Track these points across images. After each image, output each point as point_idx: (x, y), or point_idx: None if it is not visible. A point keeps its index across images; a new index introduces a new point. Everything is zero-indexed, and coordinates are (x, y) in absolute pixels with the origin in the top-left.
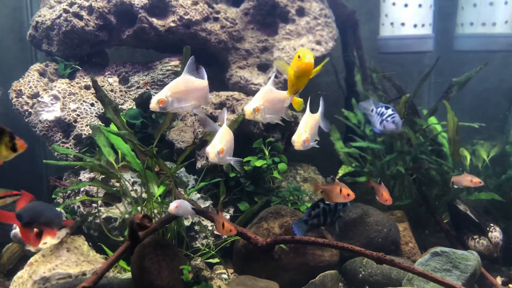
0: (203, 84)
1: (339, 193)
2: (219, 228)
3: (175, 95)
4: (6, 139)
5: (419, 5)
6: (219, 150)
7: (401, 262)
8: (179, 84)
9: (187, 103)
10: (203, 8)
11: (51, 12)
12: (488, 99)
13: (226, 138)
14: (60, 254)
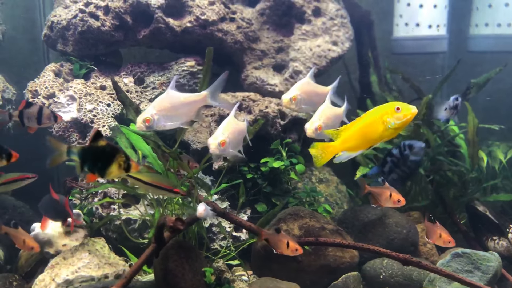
0: (190, 99)
1: (389, 198)
2: (283, 247)
3: (161, 113)
4: (121, 159)
5: (434, 6)
6: (220, 142)
7: (428, 264)
8: (164, 101)
9: (175, 120)
10: (220, 9)
11: (67, 12)
12: (501, 100)
13: (229, 129)
14: (82, 257)
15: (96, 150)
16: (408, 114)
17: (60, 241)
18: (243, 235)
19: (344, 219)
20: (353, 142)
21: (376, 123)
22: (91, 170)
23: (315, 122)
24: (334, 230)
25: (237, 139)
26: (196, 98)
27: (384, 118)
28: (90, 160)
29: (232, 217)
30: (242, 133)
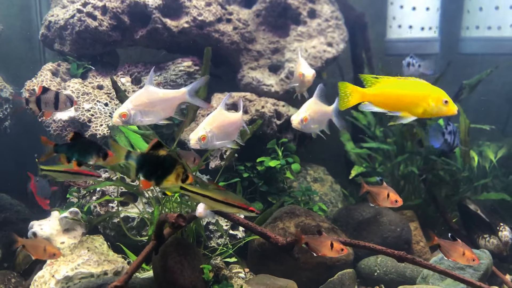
0: (169, 95)
1: (387, 198)
2: (326, 250)
3: (138, 108)
4: (180, 170)
5: (427, 8)
6: (200, 137)
7: (422, 260)
8: (141, 96)
9: (152, 115)
10: (216, 9)
11: (64, 11)
12: (491, 101)
13: (214, 123)
14: (81, 254)
15: (155, 158)
16: (449, 112)
17: (58, 239)
18: (239, 233)
19: (339, 218)
20: (385, 98)
21: (418, 99)
22: (146, 177)
23: (301, 114)
24: (329, 228)
25: (226, 132)
26: (175, 94)
27: (429, 100)
28: (147, 167)
29: (231, 215)
30: (233, 125)
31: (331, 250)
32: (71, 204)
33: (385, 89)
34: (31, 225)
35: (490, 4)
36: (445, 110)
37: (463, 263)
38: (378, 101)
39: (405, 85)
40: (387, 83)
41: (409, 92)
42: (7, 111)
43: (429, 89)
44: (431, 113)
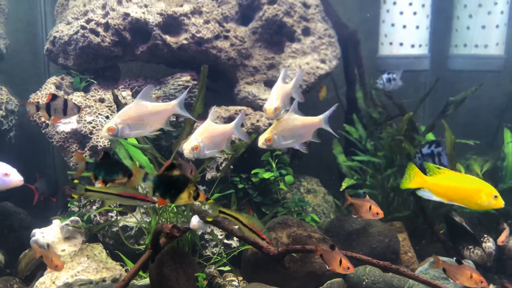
0: (158, 108)
1: (369, 210)
2: (335, 264)
3: (126, 122)
4: (192, 188)
5: (417, 27)
6: (193, 147)
7: (406, 270)
8: (130, 111)
9: (141, 128)
10: (214, 27)
11: (69, 28)
12: (479, 116)
13: (204, 134)
14: (81, 261)
15: (169, 178)
16: (497, 206)
17: (59, 247)
18: (234, 243)
19: (330, 228)
20: (443, 190)
21: (473, 193)
22: (162, 196)
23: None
24: (320, 238)
25: (215, 142)
26: (165, 107)
27: (482, 195)
28: (162, 187)
29: (225, 226)
30: (222, 135)
31: (339, 266)
32: (72, 213)
33: (445, 181)
34: (33, 233)
35: (477, 24)
36: (494, 204)
37: (471, 285)
38: (436, 190)
39: (463, 179)
40: (447, 175)
41: (465, 185)
42: (12, 123)
43: (483, 186)
44: (482, 206)
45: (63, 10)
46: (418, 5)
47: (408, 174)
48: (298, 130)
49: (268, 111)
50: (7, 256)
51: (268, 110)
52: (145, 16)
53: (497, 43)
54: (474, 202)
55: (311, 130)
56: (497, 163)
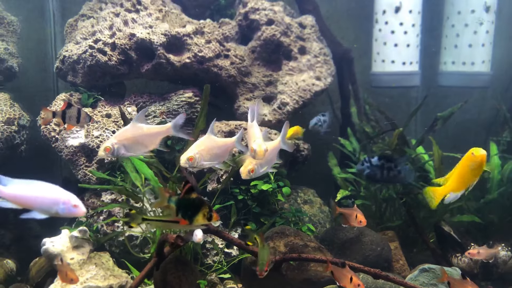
0: (153, 130)
1: (355, 218)
2: (346, 282)
3: (122, 142)
4: (206, 210)
5: (407, 45)
6: (188, 158)
7: (395, 277)
8: (126, 132)
9: (137, 148)
10: (215, 46)
11: (78, 47)
12: (469, 129)
13: (201, 146)
14: (89, 269)
15: (187, 201)
16: (478, 157)
17: (68, 255)
18: (234, 251)
19: (326, 238)
20: (455, 185)
21: (465, 169)
22: (183, 216)
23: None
24: (316, 247)
25: (213, 154)
26: (159, 129)
27: (468, 163)
28: (183, 208)
29: (225, 235)
30: (221, 148)
31: (350, 283)
32: (80, 223)
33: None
34: (43, 242)
35: (464, 43)
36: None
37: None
38: (452, 189)
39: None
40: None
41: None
42: (24, 137)
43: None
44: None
45: (72, 30)
46: (409, 25)
47: (429, 197)
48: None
49: (259, 153)
50: (18, 264)
51: (259, 152)
52: (150, 36)
53: (483, 61)
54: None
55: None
56: (484, 175)
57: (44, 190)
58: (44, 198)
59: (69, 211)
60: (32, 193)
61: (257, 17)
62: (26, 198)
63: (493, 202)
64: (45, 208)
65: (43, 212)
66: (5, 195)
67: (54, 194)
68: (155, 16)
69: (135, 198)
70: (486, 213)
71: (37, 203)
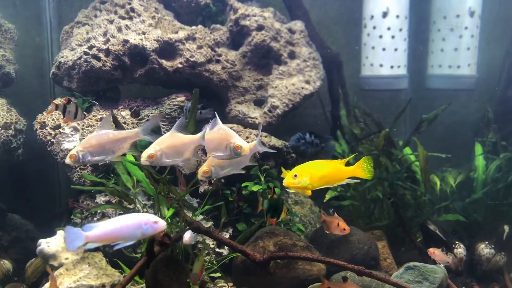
0: (120, 135)
1: (337, 226)
2: None
3: (87, 149)
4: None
5: (395, 49)
6: (149, 155)
7: (378, 274)
8: (91, 139)
9: (103, 154)
10: (207, 52)
11: (73, 53)
12: (457, 131)
13: (163, 143)
14: (83, 268)
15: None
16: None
17: (63, 255)
18: (225, 251)
19: (315, 237)
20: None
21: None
22: (272, 216)
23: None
24: (304, 246)
25: (176, 151)
26: (127, 134)
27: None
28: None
29: (215, 235)
30: (185, 146)
31: None
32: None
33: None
34: (39, 243)
35: (450, 47)
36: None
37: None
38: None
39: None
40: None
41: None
42: (21, 141)
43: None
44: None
45: (68, 37)
46: (396, 29)
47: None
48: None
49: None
50: (15, 265)
51: (245, 149)
52: (143, 42)
53: (469, 64)
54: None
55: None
56: (470, 174)
57: (123, 220)
58: (127, 227)
59: (152, 228)
60: (115, 227)
61: (247, 23)
62: (111, 234)
63: (478, 202)
64: (131, 235)
65: (130, 239)
66: (94, 239)
67: (134, 220)
68: (148, 23)
69: (127, 199)
70: (471, 212)
71: (123, 234)
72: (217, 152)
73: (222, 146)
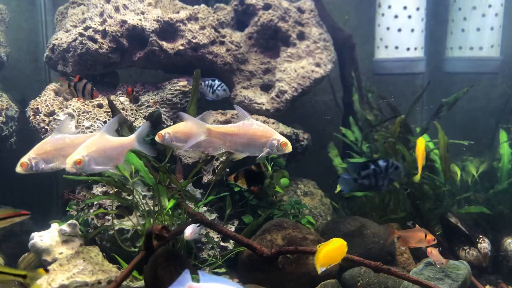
0: (78, 140)
1: (424, 239)
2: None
3: (40, 156)
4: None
5: (412, 30)
6: (76, 161)
7: (397, 270)
8: (45, 144)
9: (55, 160)
10: (210, 33)
11: (67, 35)
12: (477, 117)
13: (92, 147)
14: (77, 264)
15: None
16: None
17: (57, 250)
18: (230, 245)
19: (326, 230)
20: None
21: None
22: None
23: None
24: (315, 240)
25: (107, 156)
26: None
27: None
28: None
29: (219, 228)
30: (117, 149)
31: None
32: (70, 217)
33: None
34: (32, 236)
35: (472, 26)
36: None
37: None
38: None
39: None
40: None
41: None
42: (13, 129)
43: None
44: None
45: (62, 18)
46: (413, 9)
47: None
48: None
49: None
50: (7, 260)
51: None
52: (141, 23)
53: (492, 45)
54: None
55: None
56: (493, 164)
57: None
58: None
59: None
60: None
61: (253, 1)
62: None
63: (503, 193)
64: None
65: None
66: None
67: None
68: (148, 2)
69: (125, 189)
70: (496, 204)
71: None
72: (249, 148)
73: (259, 142)
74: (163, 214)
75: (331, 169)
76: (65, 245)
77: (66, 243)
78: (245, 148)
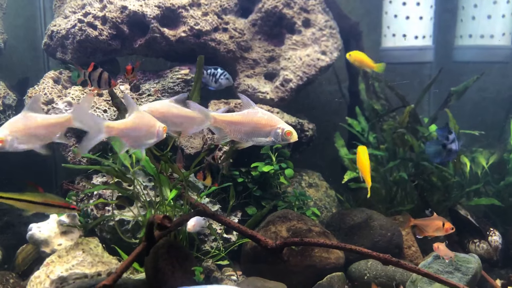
0: (50, 121)
1: (442, 227)
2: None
3: (13, 134)
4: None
5: (420, 18)
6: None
7: (407, 263)
8: (17, 122)
9: (29, 142)
10: (213, 19)
11: (66, 22)
12: (487, 108)
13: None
14: (76, 255)
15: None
16: None
17: (56, 241)
18: (233, 237)
19: (332, 222)
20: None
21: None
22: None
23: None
24: (320, 232)
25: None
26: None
27: None
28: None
29: (222, 219)
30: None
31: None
32: None
33: None
34: (30, 227)
35: (482, 14)
36: None
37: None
38: None
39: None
40: None
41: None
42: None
43: None
44: None
45: (61, 4)
46: None
47: None
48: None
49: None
50: (5, 252)
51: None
52: (142, 8)
53: (503, 33)
54: None
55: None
56: (504, 155)
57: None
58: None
59: None
60: None
61: None
62: None
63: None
64: None
65: None
66: None
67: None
68: None
69: (126, 179)
70: (506, 196)
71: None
72: (253, 137)
73: (263, 131)
74: (164, 205)
75: (336, 160)
76: (64, 236)
77: (65, 234)
78: (249, 136)
